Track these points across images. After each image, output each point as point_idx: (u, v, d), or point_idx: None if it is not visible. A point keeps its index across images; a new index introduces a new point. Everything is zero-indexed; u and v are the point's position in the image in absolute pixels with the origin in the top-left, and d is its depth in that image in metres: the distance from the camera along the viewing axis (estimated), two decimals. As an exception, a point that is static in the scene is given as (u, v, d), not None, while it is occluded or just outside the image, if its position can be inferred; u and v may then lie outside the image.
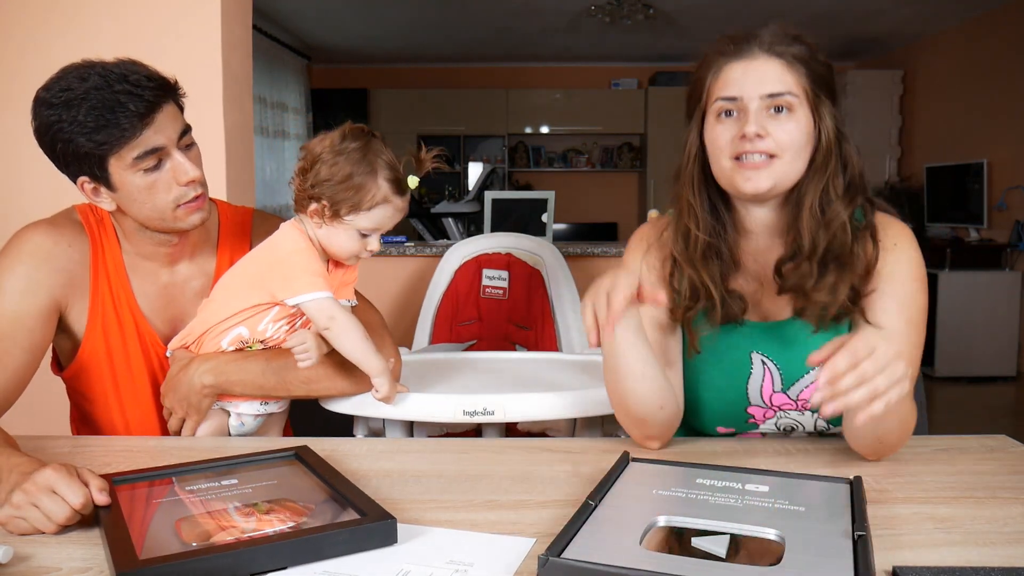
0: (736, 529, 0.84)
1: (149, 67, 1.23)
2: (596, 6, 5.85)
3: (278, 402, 1.41)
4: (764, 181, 1.13)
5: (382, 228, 1.32)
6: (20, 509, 0.88)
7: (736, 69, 1.15)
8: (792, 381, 1.22)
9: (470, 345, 2.87)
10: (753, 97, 1.13)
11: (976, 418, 4.58)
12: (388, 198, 1.29)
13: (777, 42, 1.15)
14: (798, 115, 1.14)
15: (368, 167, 1.27)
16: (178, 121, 1.24)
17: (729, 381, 1.24)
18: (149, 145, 1.19)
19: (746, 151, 1.13)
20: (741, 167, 1.14)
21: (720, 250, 1.22)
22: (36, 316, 1.26)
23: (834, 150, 1.16)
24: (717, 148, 1.16)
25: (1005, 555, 0.83)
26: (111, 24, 2.36)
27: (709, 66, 1.18)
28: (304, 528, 0.85)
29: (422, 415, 1.39)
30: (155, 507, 0.95)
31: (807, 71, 1.15)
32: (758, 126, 1.12)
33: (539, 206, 3.42)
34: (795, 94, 1.13)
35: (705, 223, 1.21)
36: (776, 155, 1.13)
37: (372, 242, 1.32)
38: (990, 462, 1.14)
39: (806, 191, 1.16)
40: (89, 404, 1.39)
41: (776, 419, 1.26)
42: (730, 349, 1.23)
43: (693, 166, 1.21)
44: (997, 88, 5.74)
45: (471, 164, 8.42)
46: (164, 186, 1.23)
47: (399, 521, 0.87)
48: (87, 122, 1.15)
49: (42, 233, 1.30)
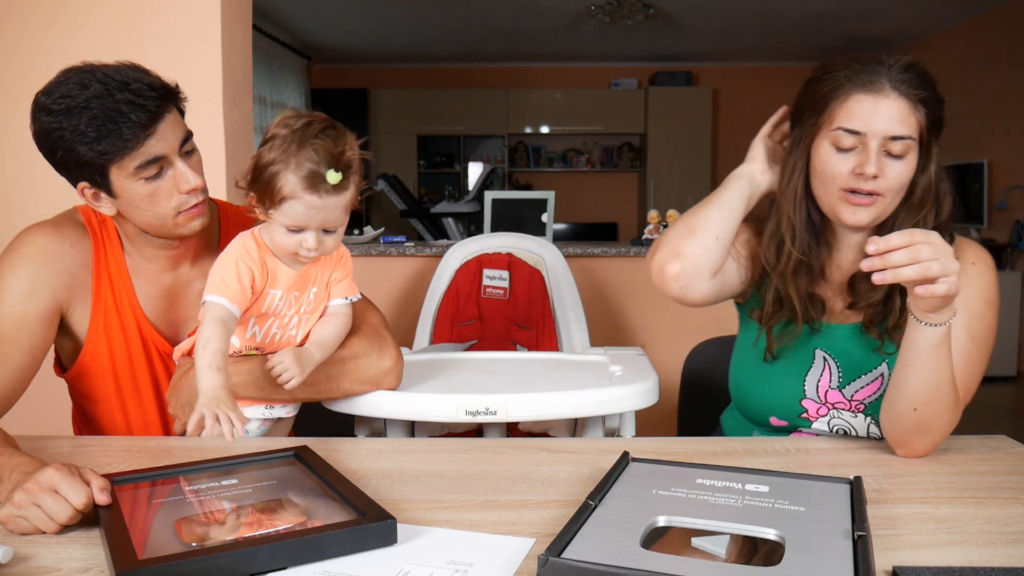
0: (736, 529, 0.84)
1: (151, 73, 1.22)
2: (596, 6, 5.85)
3: (284, 407, 1.39)
4: (867, 217, 1.18)
5: (305, 225, 1.19)
6: (22, 508, 0.88)
7: (865, 103, 1.15)
8: (849, 380, 1.25)
9: (471, 345, 2.87)
10: (877, 136, 1.14)
11: (976, 418, 4.57)
12: (296, 193, 1.16)
13: (906, 81, 1.16)
14: (910, 157, 1.17)
15: (284, 158, 1.16)
16: (180, 128, 1.24)
17: (789, 371, 1.28)
18: (151, 155, 1.19)
19: (858, 188, 1.16)
20: (848, 200, 1.17)
21: (811, 265, 1.26)
22: (38, 318, 1.26)
23: (932, 189, 1.20)
24: (829, 176, 1.19)
25: (1005, 555, 0.83)
26: (111, 24, 2.36)
27: (835, 89, 1.18)
28: (304, 528, 0.85)
29: (424, 415, 1.39)
30: (156, 507, 0.95)
31: (928, 114, 1.17)
32: (878, 168, 1.14)
33: (539, 206, 3.42)
34: (914, 138, 1.16)
35: (802, 240, 1.24)
36: (883, 194, 1.16)
37: (307, 239, 1.20)
38: (990, 462, 1.14)
39: (901, 224, 1.19)
40: (92, 404, 1.39)
41: (829, 418, 1.27)
42: (797, 343, 1.27)
43: (798, 181, 1.24)
44: (997, 88, 5.74)
45: (471, 164, 8.42)
46: (165, 194, 1.23)
47: (399, 521, 0.87)
48: (88, 132, 1.15)
49: (45, 235, 1.30)
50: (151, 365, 1.37)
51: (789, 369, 1.28)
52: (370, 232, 3.74)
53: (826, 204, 1.22)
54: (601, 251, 3.42)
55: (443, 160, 8.45)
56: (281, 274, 1.27)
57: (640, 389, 1.43)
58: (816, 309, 1.26)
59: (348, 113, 7.99)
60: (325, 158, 1.15)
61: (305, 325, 1.34)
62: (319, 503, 0.94)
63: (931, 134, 1.18)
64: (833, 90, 1.18)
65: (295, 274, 1.28)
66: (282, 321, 1.32)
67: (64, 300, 1.30)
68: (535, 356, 1.96)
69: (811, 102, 1.21)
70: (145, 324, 1.36)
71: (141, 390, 1.37)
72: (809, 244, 1.25)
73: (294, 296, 1.30)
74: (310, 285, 1.32)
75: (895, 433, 1.15)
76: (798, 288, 1.24)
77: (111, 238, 1.35)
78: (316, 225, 1.20)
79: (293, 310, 1.32)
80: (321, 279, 1.33)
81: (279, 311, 1.31)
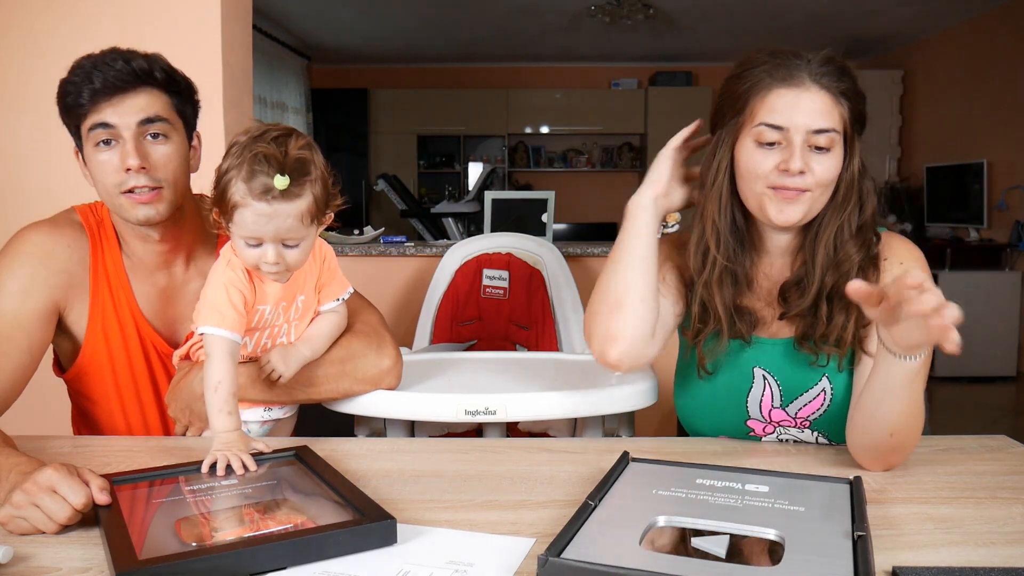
0: (736, 529, 0.84)
1: (143, 53, 1.27)
2: (596, 6, 5.85)
3: (282, 408, 1.39)
4: (795, 214, 1.13)
5: (260, 237, 1.15)
6: (21, 509, 0.88)
7: (785, 97, 1.12)
8: (792, 398, 1.22)
9: (470, 345, 2.87)
10: (800, 130, 1.11)
11: (976, 418, 4.57)
12: (245, 201, 1.12)
13: (826, 74, 1.13)
14: (835, 152, 1.13)
15: (236, 164, 1.12)
16: (149, 108, 1.25)
17: (729, 393, 1.24)
18: (101, 120, 1.23)
19: (784, 185, 1.12)
20: (774, 198, 1.13)
21: (736, 273, 1.21)
22: (35, 317, 1.26)
23: (855, 186, 1.16)
24: (753, 174, 1.14)
25: (1005, 555, 0.82)
26: (111, 24, 2.36)
27: (754, 85, 1.14)
28: (304, 528, 0.85)
29: (424, 415, 1.39)
30: (155, 507, 0.94)
31: (850, 107, 1.14)
32: (803, 163, 1.11)
33: (539, 206, 3.42)
34: (838, 131, 1.13)
35: (726, 245, 1.20)
36: (810, 190, 1.13)
37: (266, 253, 1.16)
38: (990, 462, 1.14)
39: (826, 224, 1.16)
40: (91, 404, 1.39)
41: (777, 434, 1.26)
42: (733, 362, 1.24)
43: (722, 182, 1.19)
44: (997, 88, 5.74)
45: (471, 164, 8.42)
46: (112, 168, 1.25)
47: (399, 521, 0.87)
48: (68, 86, 1.24)
49: (42, 234, 1.30)
50: (150, 365, 1.37)
51: (730, 390, 1.24)
52: (370, 232, 3.74)
53: (753, 203, 1.16)
54: (601, 251, 3.42)
55: (443, 160, 8.45)
56: (269, 289, 1.25)
57: (639, 389, 1.43)
58: (746, 323, 1.21)
59: (348, 113, 8.01)
60: (273, 163, 1.11)
61: (295, 331, 1.33)
62: (319, 503, 0.94)
63: (854, 128, 1.15)
64: (753, 86, 1.14)
65: (281, 287, 1.26)
66: (272, 331, 1.31)
67: (61, 299, 1.30)
68: (535, 356, 1.96)
69: (732, 100, 1.17)
70: (143, 324, 1.36)
71: (140, 390, 1.37)
72: (734, 250, 1.20)
73: (282, 307, 1.29)
74: (297, 294, 1.30)
75: (867, 454, 1.10)
76: (723, 298, 1.20)
77: (109, 238, 1.35)
78: (271, 236, 1.15)
79: (282, 320, 1.31)
80: (308, 285, 1.31)
81: (269, 323, 1.30)
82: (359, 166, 7.98)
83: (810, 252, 1.17)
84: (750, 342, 1.23)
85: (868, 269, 1.17)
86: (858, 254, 1.15)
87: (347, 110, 8.01)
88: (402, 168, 7.83)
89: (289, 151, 1.13)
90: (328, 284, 1.34)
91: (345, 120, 8.01)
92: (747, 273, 1.23)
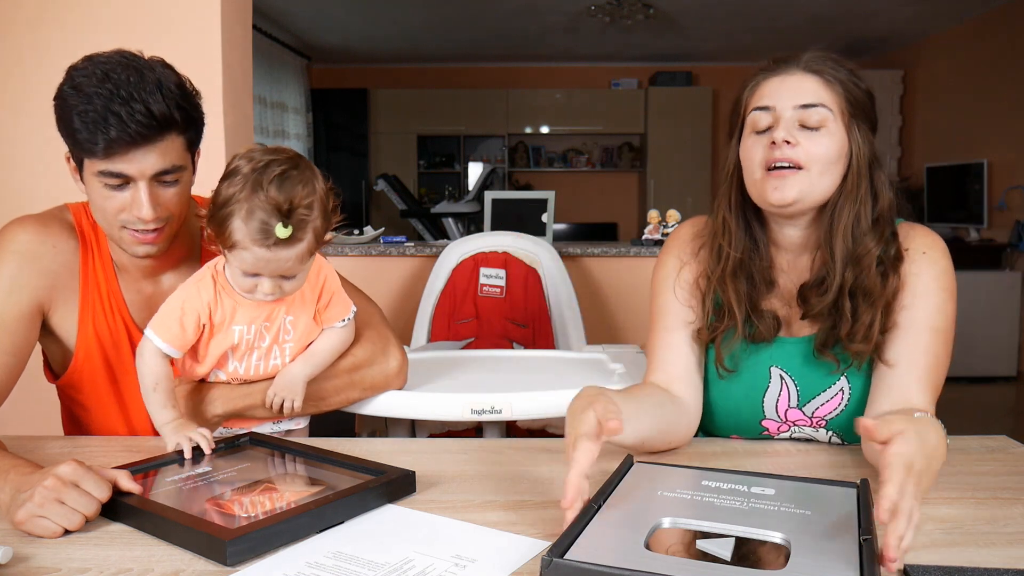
0: (741, 532, 0.83)
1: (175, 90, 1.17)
2: (596, 6, 5.85)
3: (293, 420, 1.38)
4: (790, 191, 1.12)
5: (257, 271, 1.15)
6: (43, 507, 0.87)
7: (772, 83, 1.15)
8: (808, 398, 1.21)
9: (468, 343, 2.87)
10: (787, 107, 1.13)
11: (976, 418, 4.57)
12: (244, 244, 1.11)
13: (816, 60, 1.15)
14: (831, 130, 1.13)
15: (239, 198, 1.10)
16: (166, 158, 1.17)
17: (746, 392, 1.24)
18: (115, 169, 1.15)
19: (776, 159, 1.12)
20: (769, 176, 1.13)
21: (751, 270, 1.21)
22: (18, 318, 1.22)
23: (865, 175, 1.15)
24: (750, 160, 1.16)
25: (1006, 556, 0.82)
26: (111, 24, 2.36)
27: (749, 84, 1.19)
28: (352, 487, 0.97)
29: (430, 414, 1.39)
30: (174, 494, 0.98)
31: (844, 91, 1.14)
32: (787, 133, 1.11)
33: (539, 206, 3.42)
34: (828, 108, 1.12)
35: (738, 241, 1.21)
36: (804, 167, 1.12)
37: (263, 285, 1.16)
38: (990, 462, 1.14)
39: (840, 213, 1.15)
40: (83, 411, 1.36)
41: (791, 433, 1.25)
42: (750, 361, 1.23)
43: (731, 183, 1.22)
44: (997, 88, 5.74)
45: (471, 164, 8.42)
46: (119, 205, 1.18)
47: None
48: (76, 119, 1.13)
49: (29, 231, 1.26)
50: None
51: (747, 391, 1.24)
52: (370, 232, 3.74)
53: (754, 192, 1.17)
54: (601, 251, 3.42)
55: (443, 160, 8.45)
56: (242, 309, 1.23)
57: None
58: (768, 325, 1.20)
59: (348, 113, 8.00)
60: (274, 212, 1.09)
61: (288, 355, 1.30)
62: (325, 473, 1.05)
63: (854, 113, 1.15)
64: (748, 86, 1.19)
65: (255, 305, 1.23)
66: (262, 352, 1.28)
67: (46, 301, 1.26)
68: (536, 354, 1.96)
69: (734, 105, 1.22)
70: (135, 331, 1.32)
71: (133, 398, 1.35)
72: (747, 246, 1.22)
73: (264, 327, 1.26)
74: (282, 314, 1.26)
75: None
76: (737, 292, 1.20)
77: (101, 240, 1.31)
78: (269, 273, 1.15)
79: (269, 339, 1.27)
80: (298, 306, 1.27)
81: (254, 343, 1.26)
82: (359, 166, 7.97)
83: (827, 246, 1.16)
84: (771, 342, 1.22)
85: (891, 265, 1.15)
86: (877, 247, 1.14)
87: (347, 110, 8.00)
88: (402, 168, 7.83)
89: (294, 200, 1.10)
90: (329, 307, 1.31)
91: (345, 120, 8.01)
92: (764, 272, 1.23)
